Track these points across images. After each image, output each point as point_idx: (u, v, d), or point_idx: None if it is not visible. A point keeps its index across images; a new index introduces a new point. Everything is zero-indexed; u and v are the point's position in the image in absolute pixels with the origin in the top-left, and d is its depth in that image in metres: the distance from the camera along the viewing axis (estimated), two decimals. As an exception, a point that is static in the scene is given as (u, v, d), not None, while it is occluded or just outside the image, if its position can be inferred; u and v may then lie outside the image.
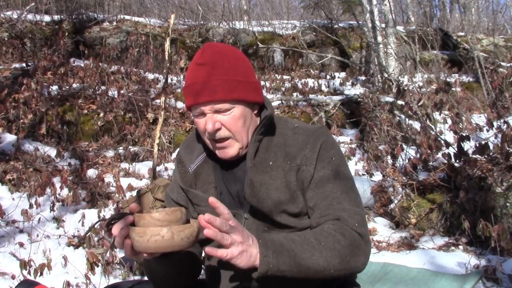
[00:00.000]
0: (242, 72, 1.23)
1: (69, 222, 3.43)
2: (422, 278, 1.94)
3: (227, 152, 1.24)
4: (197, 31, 7.72)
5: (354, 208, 1.21)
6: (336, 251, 1.12)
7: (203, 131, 1.24)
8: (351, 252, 1.14)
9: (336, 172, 1.24)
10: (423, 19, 8.23)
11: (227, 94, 1.19)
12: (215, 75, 1.19)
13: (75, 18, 7.15)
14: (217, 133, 1.21)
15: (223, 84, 1.19)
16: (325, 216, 1.19)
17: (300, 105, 5.85)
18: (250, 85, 1.24)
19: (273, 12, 11.60)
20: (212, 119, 1.20)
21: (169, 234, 1.00)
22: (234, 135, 1.22)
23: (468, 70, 6.56)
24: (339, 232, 1.14)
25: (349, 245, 1.14)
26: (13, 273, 2.72)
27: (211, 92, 1.18)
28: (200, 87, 1.19)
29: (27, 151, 4.32)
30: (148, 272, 1.27)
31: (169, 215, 1.05)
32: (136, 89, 5.58)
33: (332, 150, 1.26)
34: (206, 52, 1.22)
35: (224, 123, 1.21)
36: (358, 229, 1.17)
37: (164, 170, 4.40)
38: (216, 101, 1.19)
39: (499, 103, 4.24)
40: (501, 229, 2.41)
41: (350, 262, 1.14)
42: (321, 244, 1.11)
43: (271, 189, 1.23)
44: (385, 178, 3.60)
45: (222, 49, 1.24)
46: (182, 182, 1.33)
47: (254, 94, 1.25)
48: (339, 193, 1.21)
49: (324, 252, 1.11)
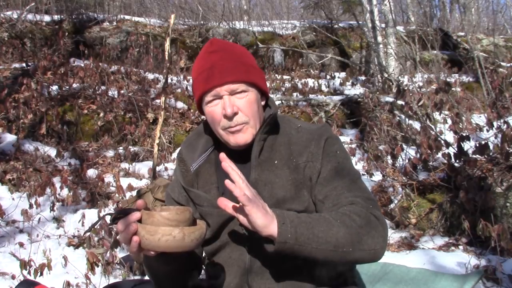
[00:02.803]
0: (252, 61, 1.28)
1: (69, 222, 3.43)
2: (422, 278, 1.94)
3: (241, 137, 1.22)
4: (197, 31, 7.72)
5: (365, 194, 1.20)
6: (353, 228, 1.10)
7: (218, 119, 1.22)
8: (368, 232, 1.11)
9: (342, 165, 1.24)
10: (423, 19, 8.23)
11: (244, 75, 1.21)
12: (229, 59, 1.21)
13: (75, 18, 7.15)
14: (234, 117, 1.20)
15: (239, 66, 1.21)
16: (337, 205, 1.18)
17: (300, 105, 5.85)
18: (261, 74, 1.27)
19: (273, 12, 11.61)
20: (230, 101, 1.20)
21: (181, 235, 1.01)
22: (250, 120, 1.22)
23: (468, 70, 6.56)
24: (355, 213, 1.13)
25: (366, 225, 1.12)
26: (13, 273, 2.72)
27: (228, 73, 1.19)
28: (215, 70, 1.20)
29: (27, 151, 4.32)
30: (149, 271, 1.27)
31: (178, 215, 1.05)
32: (136, 89, 5.58)
33: (336, 145, 1.27)
34: (215, 42, 1.27)
35: (241, 107, 1.21)
36: (373, 211, 1.16)
37: (164, 170, 4.40)
38: (233, 81, 1.19)
39: (499, 103, 4.24)
40: (501, 229, 2.41)
41: (368, 241, 1.11)
42: (338, 221, 1.10)
43: (276, 187, 1.23)
44: (385, 178, 3.61)
45: (229, 42, 1.30)
46: (184, 181, 1.33)
47: (264, 83, 1.27)
48: (348, 182, 1.21)
49: (342, 228, 1.09)
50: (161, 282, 1.27)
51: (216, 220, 1.26)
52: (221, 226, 1.27)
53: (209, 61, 1.22)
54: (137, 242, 1.02)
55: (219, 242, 1.28)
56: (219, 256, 1.31)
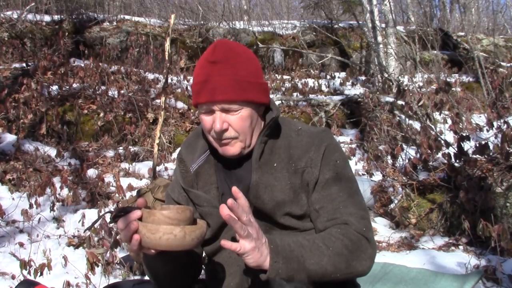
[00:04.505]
0: (253, 73, 1.23)
1: (69, 222, 3.43)
2: (422, 278, 1.94)
3: (229, 149, 1.24)
4: (197, 31, 7.71)
5: (360, 212, 1.23)
6: (344, 256, 1.14)
7: (209, 129, 1.23)
8: (358, 256, 1.16)
9: (341, 175, 1.25)
10: (423, 19, 8.23)
11: (238, 95, 1.18)
12: (227, 75, 1.18)
13: (75, 18, 7.14)
14: (224, 133, 1.21)
15: (236, 85, 1.18)
16: (332, 220, 1.21)
17: (300, 105, 5.85)
18: (260, 87, 1.24)
19: (273, 12, 11.61)
20: (221, 118, 1.19)
21: (182, 233, 1.01)
22: (239, 136, 1.22)
23: (468, 70, 6.56)
24: (347, 237, 1.16)
25: (356, 249, 1.16)
26: (13, 273, 2.72)
27: (223, 92, 1.18)
28: (211, 86, 1.18)
29: (27, 151, 4.32)
30: (149, 271, 1.27)
31: (179, 214, 1.05)
32: (136, 89, 5.58)
33: (337, 153, 1.27)
34: (218, 49, 1.21)
35: (232, 123, 1.20)
36: (365, 234, 1.19)
37: (164, 170, 4.40)
38: (227, 101, 1.18)
39: (499, 103, 4.24)
40: (501, 229, 2.41)
41: (356, 266, 1.16)
42: (330, 249, 1.13)
43: (275, 190, 1.23)
44: (385, 178, 3.61)
45: (234, 48, 1.23)
46: (183, 182, 1.33)
47: (262, 96, 1.24)
48: (345, 196, 1.23)
49: (332, 257, 1.13)
50: (161, 282, 1.27)
51: (216, 220, 1.26)
52: (221, 226, 1.27)
53: (205, 73, 1.20)
54: (138, 240, 1.02)
55: (219, 242, 1.28)
56: (219, 256, 1.31)
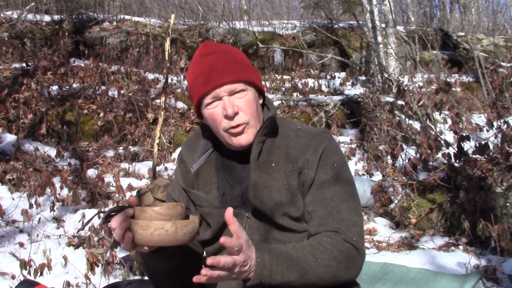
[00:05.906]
0: (246, 60, 1.29)
1: (69, 222, 3.43)
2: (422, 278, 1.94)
3: (243, 138, 1.22)
4: (197, 31, 7.72)
5: (353, 219, 1.20)
6: (331, 267, 1.13)
7: (219, 120, 1.22)
8: (345, 267, 1.15)
9: (337, 179, 1.23)
10: (423, 19, 8.23)
11: (241, 74, 1.21)
12: (225, 60, 1.22)
13: (75, 18, 7.14)
14: (235, 117, 1.20)
15: (235, 66, 1.22)
16: (323, 226, 1.20)
17: (300, 105, 5.85)
18: (256, 72, 1.28)
19: (273, 12, 11.60)
20: (230, 102, 1.20)
21: (173, 228, 1.02)
22: (250, 120, 1.22)
23: (468, 70, 6.56)
24: (336, 248, 1.15)
25: (345, 260, 1.15)
26: (13, 273, 2.72)
27: (225, 74, 1.20)
28: (213, 71, 1.20)
29: (27, 151, 4.32)
30: (147, 271, 1.27)
31: (170, 210, 1.06)
32: (136, 89, 5.58)
33: (335, 155, 1.25)
34: (208, 44, 1.28)
35: (241, 107, 1.21)
36: (355, 243, 1.18)
37: (164, 170, 4.40)
38: (232, 81, 1.20)
39: (499, 103, 4.24)
40: (501, 229, 2.42)
41: (342, 276, 1.16)
42: (317, 261, 1.13)
43: (273, 191, 1.23)
44: (385, 178, 3.61)
45: (221, 44, 1.33)
46: (184, 183, 1.33)
47: (260, 82, 1.28)
48: (339, 201, 1.21)
49: (318, 269, 1.12)
50: (160, 282, 1.27)
51: (216, 220, 1.26)
52: (222, 226, 1.27)
53: (205, 63, 1.22)
54: (130, 237, 1.03)
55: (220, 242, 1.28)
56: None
